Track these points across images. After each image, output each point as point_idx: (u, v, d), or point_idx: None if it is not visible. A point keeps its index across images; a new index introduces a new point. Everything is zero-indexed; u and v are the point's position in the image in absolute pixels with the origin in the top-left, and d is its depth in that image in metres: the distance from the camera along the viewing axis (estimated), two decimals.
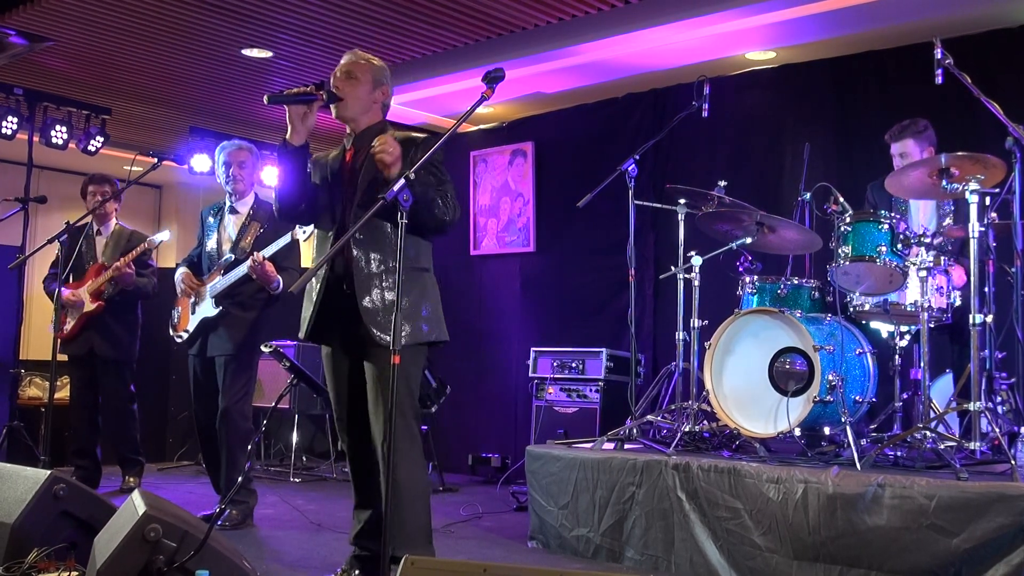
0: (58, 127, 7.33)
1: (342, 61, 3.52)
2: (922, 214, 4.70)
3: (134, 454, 6.04)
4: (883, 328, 4.46)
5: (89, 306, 5.69)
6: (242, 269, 4.66)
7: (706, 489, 3.86)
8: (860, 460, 3.65)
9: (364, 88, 3.47)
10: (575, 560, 4.23)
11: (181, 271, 4.93)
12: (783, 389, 4.10)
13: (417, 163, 3.06)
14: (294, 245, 4.67)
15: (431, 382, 6.42)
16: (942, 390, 4.44)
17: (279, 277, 4.65)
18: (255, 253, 4.60)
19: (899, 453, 3.87)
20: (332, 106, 3.45)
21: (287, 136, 3.38)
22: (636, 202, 4.95)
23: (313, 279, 3.46)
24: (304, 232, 4.50)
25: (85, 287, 5.72)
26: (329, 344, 3.59)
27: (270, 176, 8.43)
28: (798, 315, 4.15)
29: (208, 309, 4.77)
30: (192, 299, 4.88)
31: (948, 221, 4.50)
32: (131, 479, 5.97)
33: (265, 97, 3.32)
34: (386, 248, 3.36)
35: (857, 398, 4.16)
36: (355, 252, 3.38)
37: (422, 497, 3.37)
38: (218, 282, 4.76)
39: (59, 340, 5.61)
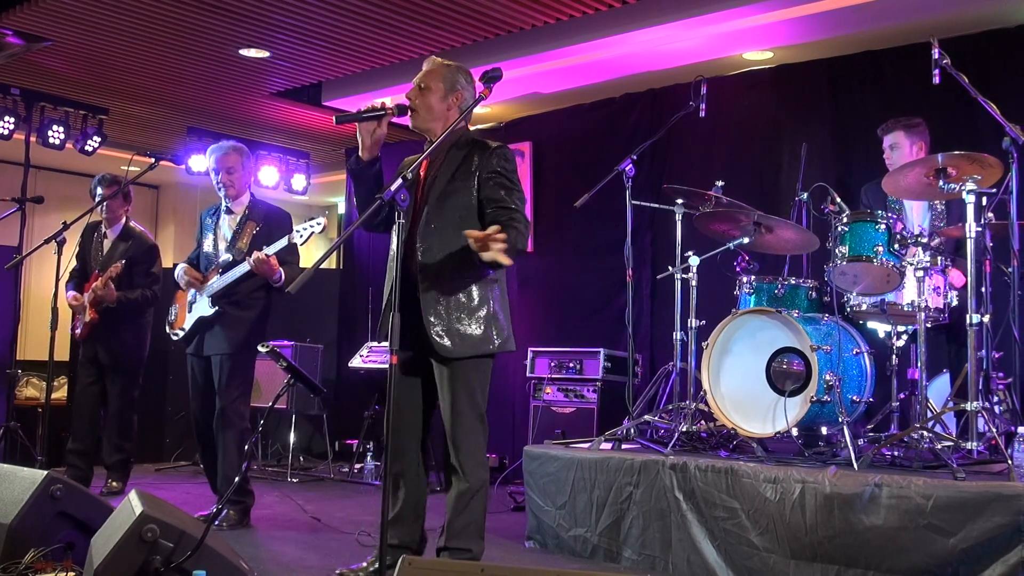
0: (55, 127, 7.32)
1: (423, 69, 3.50)
2: (916, 214, 4.71)
3: (124, 461, 5.94)
4: (880, 328, 4.46)
5: (87, 315, 5.69)
6: (239, 269, 4.66)
7: (703, 489, 3.86)
8: (857, 460, 3.65)
9: (435, 97, 3.44)
10: (573, 560, 4.23)
11: (181, 266, 4.92)
12: (780, 389, 4.11)
13: (416, 163, 3.08)
14: (292, 248, 4.66)
15: None
16: (939, 390, 4.44)
17: (281, 269, 4.64)
18: (255, 251, 4.58)
19: (896, 453, 3.87)
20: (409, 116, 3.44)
21: (358, 153, 3.37)
22: (633, 202, 4.95)
23: (391, 286, 3.43)
24: (301, 236, 4.51)
25: (87, 294, 5.72)
26: (403, 352, 3.39)
27: (267, 176, 8.45)
28: (795, 315, 4.16)
29: (204, 308, 4.77)
30: (191, 296, 4.88)
31: (943, 224, 4.50)
32: (114, 483, 5.86)
33: (334, 118, 3.34)
34: (455, 254, 3.34)
35: (854, 398, 4.16)
36: (419, 257, 3.37)
37: (482, 495, 3.46)
38: (215, 282, 4.76)
39: (77, 340, 5.69)
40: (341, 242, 3.13)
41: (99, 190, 5.85)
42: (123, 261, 5.68)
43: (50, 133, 7.30)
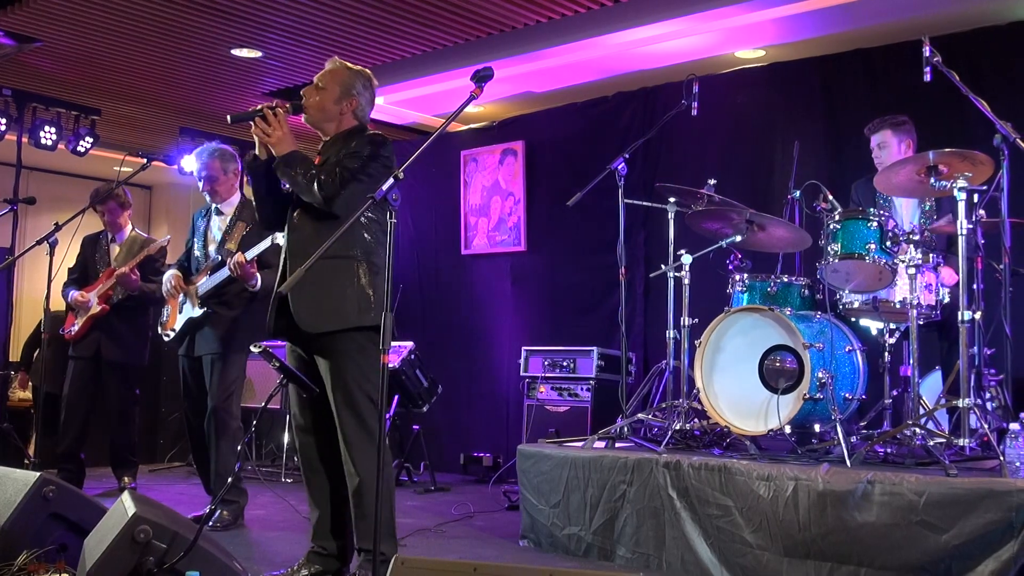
0: (47, 128, 7.31)
1: (325, 67, 3.57)
2: (905, 212, 4.72)
3: (131, 455, 6.01)
4: (873, 325, 4.47)
5: (95, 308, 5.67)
6: (226, 271, 4.65)
7: (697, 487, 3.86)
8: (850, 457, 3.66)
9: (328, 97, 3.49)
10: (567, 559, 4.23)
11: (171, 273, 4.93)
12: (773, 387, 4.11)
13: (408, 162, 3.10)
14: (277, 249, 4.65)
15: (422, 381, 6.42)
16: (931, 387, 4.45)
17: (257, 274, 4.64)
18: (236, 254, 4.59)
19: (889, 450, 3.88)
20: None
21: (255, 151, 3.46)
22: (626, 201, 4.95)
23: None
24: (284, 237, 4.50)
25: (95, 290, 5.71)
26: (289, 341, 3.62)
27: None
28: (788, 313, 4.16)
29: (194, 309, 4.76)
30: (180, 298, 4.88)
31: (940, 220, 4.51)
32: (127, 479, 5.92)
33: (228, 117, 3.44)
34: (314, 241, 3.25)
35: (847, 395, 4.17)
36: (292, 247, 3.48)
37: (372, 492, 3.30)
38: (204, 282, 4.76)
39: (69, 341, 5.71)
40: (332, 241, 3.12)
41: (98, 208, 5.81)
42: (167, 239, 5.79)
43: (42, 134, 7.29)
